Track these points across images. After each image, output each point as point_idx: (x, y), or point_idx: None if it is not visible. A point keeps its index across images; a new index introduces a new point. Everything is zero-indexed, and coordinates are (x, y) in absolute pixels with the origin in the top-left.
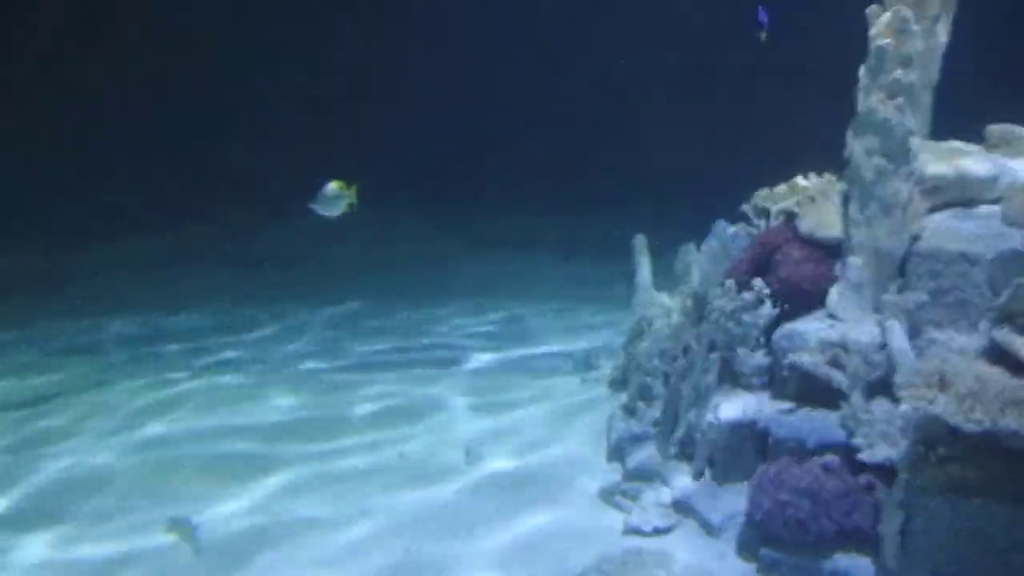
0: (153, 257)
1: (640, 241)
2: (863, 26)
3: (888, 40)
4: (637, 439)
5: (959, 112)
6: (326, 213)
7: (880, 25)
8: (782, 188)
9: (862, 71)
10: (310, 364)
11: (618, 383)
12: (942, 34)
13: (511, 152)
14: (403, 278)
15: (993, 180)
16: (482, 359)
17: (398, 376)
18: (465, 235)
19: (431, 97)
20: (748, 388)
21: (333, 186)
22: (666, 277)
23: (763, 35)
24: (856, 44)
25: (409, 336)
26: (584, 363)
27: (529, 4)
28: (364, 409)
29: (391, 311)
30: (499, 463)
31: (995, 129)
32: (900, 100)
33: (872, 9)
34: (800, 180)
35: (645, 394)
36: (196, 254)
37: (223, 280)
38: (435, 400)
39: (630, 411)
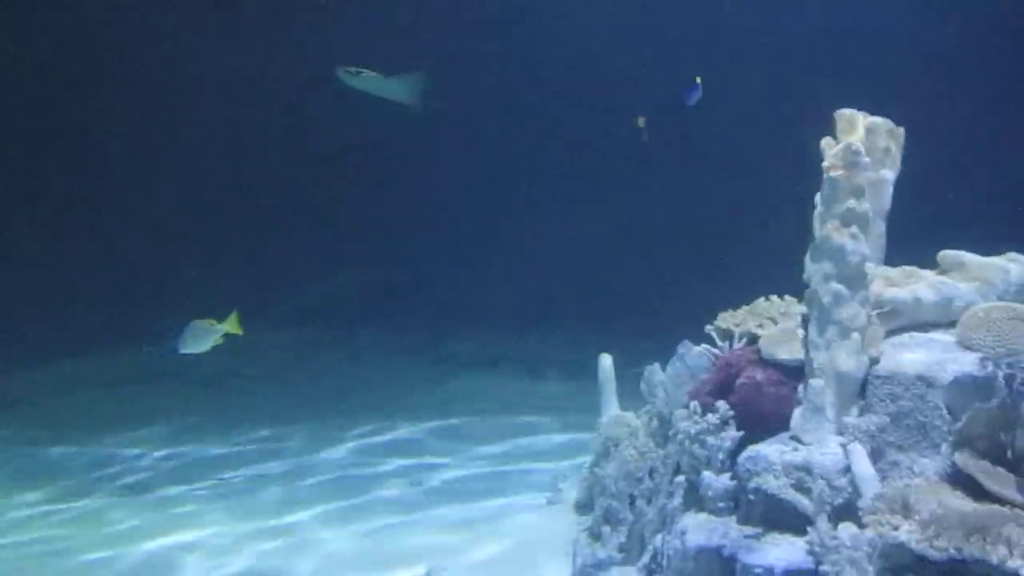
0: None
1: (605, 360)
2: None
3: (840, 172)
4: (602, 565)
5: (912, 237)
6: (194, 351)
7: (832, 158)
8: (745, 310)
9: (817, 199)
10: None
11: (583, 506)
12: (892, 164)
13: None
14: (364, 398)
15: (947, 304)
16: (446, 477)
17: (352, 504)
18: (427, 354)
19: (392, 214)
20: (714, 512)
21: (196, 324)
22: (633, 396)
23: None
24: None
25: (368, 455)
26: (550, 484)
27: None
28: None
29: (341, 432)
30: None
31: (947, 255)
32: (854, 228)
33: (825, 141)
34: (762, 302)
35: (610, 518)
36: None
37: (180, 401)
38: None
39: (595, 535)
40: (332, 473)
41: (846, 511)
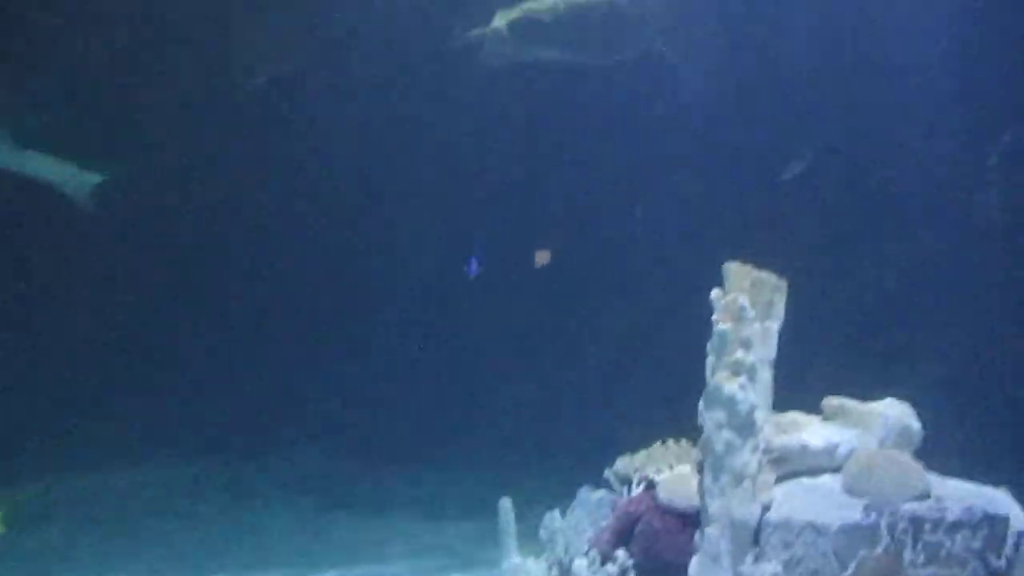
0: None
1: (505, 505)
2: None
3: (728, 325)
4: None
5: (796, 384)
6: None
7: (721, 310)
8: (642, 454)
9: (708, 348)
10: None
11: None
12: (777, 316)
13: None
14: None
15: (833, 449)
16: None
17: None
18: (312, 495)
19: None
20: None
21: None
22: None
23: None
24: None
25: None
26: None
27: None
28: None
29: None
30: None
31: (830, 402)
32: (743, 379)
33: (715, 293)
34: (659, 446)
35: None
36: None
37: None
38: None
39: None
40: None
41: None
